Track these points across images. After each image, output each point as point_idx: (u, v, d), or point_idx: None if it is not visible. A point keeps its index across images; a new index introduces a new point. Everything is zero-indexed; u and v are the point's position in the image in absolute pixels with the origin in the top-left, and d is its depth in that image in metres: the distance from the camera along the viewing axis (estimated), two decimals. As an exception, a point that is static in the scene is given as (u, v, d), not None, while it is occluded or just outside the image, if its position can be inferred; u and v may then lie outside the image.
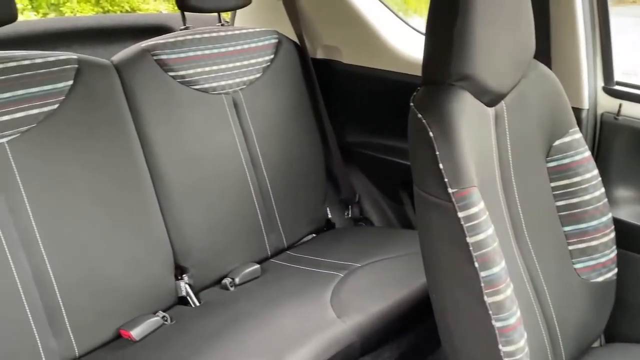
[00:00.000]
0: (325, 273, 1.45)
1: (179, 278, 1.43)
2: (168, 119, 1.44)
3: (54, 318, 1.19)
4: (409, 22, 1.81)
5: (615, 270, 1.09)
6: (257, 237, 1.58)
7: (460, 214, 0.84)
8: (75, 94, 1.27)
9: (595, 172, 1.07)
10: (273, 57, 1.67)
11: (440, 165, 0.85)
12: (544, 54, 1.26)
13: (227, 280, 1.46)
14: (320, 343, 1.18)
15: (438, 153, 0.85)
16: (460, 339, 0.94)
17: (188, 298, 1.42)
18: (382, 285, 1.37)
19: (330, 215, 1.80)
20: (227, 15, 1.98)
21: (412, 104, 0.91)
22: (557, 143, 1.06)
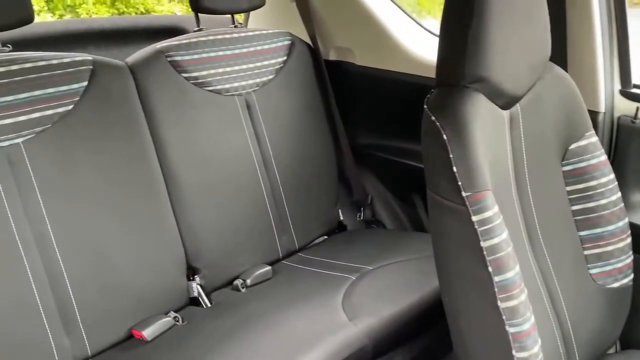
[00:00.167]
0: (337, 275, 1.44)
1: (191, 279, 1.43)
2: (181, 120, 1.44)
3: (67, 317, 1.19)
4: (423, 23, 1.80)
5: (632, 276, 1.08)
6: (268, 238, 1.59)
7: (474, 218, 0.83)
8: (90, 95, 1.28)
9: (612, 176, 1.06)
10: (286, 58, 1.67)
11: (454, 168, 0.84)
12: (560, 56, 1.24)
13: (238, 282, 1.46)
14: (332, 346, 1.18)
15: (452, 156, 0.84)
16: (473, 344, 0.93)
17: (200, 299, 1.42)
18: (394, 289, 1.37)
19: (342, 217, 1.80)
20: (240, 17, 1.98)
21: (425, 106, 0.90)
22: (572, 146, 1.05)
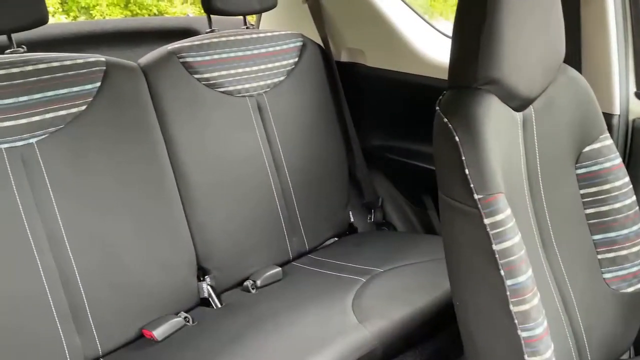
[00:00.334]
0: (347, 277, 1.44)
1: (202, 279, 1.43)
2: (193, 121, 1.45)
3: (79, 316, 1.20)
4: (434, 24, 1.79)
5: (646, 281, 1.06)
6: (279, 239, 1.58)
7: (486, 221, 0.82)
8: (103, 96, 1.29)
9: (626, 179, 1.05)
10: (297, 60, 1.67)
11: (466, 171, 0.83)
12: (574, 58, 1.23)
13: (248, 283, 1.46)
14: (341, 348, 1.17)
15: (464, 158, 0.83)
16: (484, 348, 0.92)
17: (210, 299, 1.42)
18: (404, 291, 1.36)
19: (353, 219, 1.79)
20: (252, 18, 1.99)
21: (437, 108, 0.90)
22: (586, 149, 1.03)
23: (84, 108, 1.26)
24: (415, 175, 1.75)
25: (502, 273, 0.82)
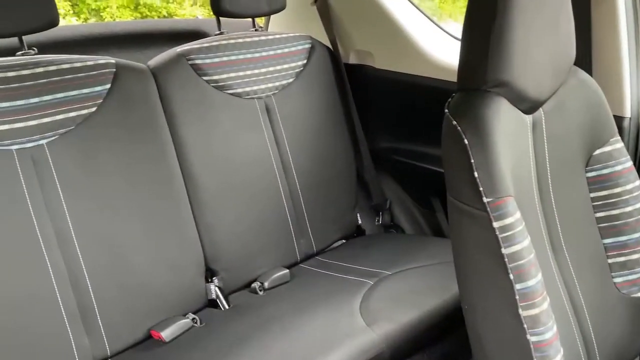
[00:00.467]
0: (355, 280, 1.43)
1: (209, 280, 1.44)
2: (201, 123, 1.45)
3: (87, 316, 1.21)
4: (443, 26, 1.79)
5: (658, 286, 1.05)
6: (286, 241, 1.59)
7: (496, 224, 0.82)
8: (113, 97, 1.29)
9: (637, 183, 1.03)
10: (306, 62, 1.67)
11: (475, 174, 0.83)
12: (585, 60, 1.22)
13: (256, 284, 1.46)
14: (349, 351, 1.17)
15: (473, 161, 0.83)
16: (493, 352, 0.91)
17: (218, 301, 1.43)
18: (412, 294, 1.35)
19: (361, 222, 1.79)
20: (261, 21, 1.99)
21: (446, 111, 0.89)
22: (597, 152, 1.02)
23: (94, 110, 1.27)
24: (424, 178, 1.75)
25: (511, 277, 0.81)
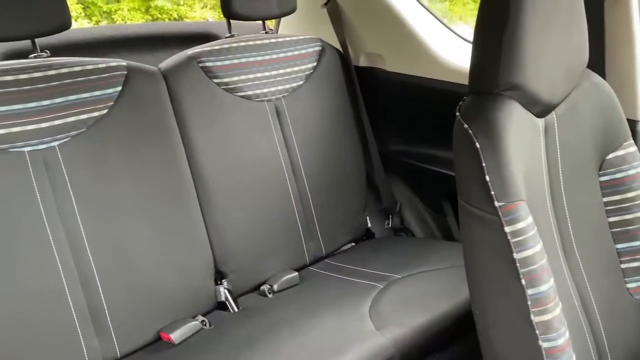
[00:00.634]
0: (364, 283, 1.43)
1: (219, 283, 1.44)
2: (212, 125, 1.46)
3: (97, 318, 1.21)
4: (454, 29, 1.78)
5: (672, 292, 1.04)
6: (296, 244, 1.58)
7: (507, 229, 0.81)
8: (124, 100, 1.30)
9: (652, 187, 1.02)
10: (316, 64, 1.67)
11: (487, 178, 0.82)
12: (598, 63, 1.21)
13: (265, 287, 1.46)
14: (358, 355, 1.17)
15: (485, 165, 0.82)
16: (504, 358, 0.90)
17: (227, 303, 1.42)
18: (422, 298, 1.35)
19: (370, 225, 1.79)
20: (271, 23, 2.00)
21: (458, 114, 0.89)
22: (610, 156, 1.01)
23: (105, 112, 1.28)
24: (434, 181, 1.74)
25: (523, 282, 0.81)
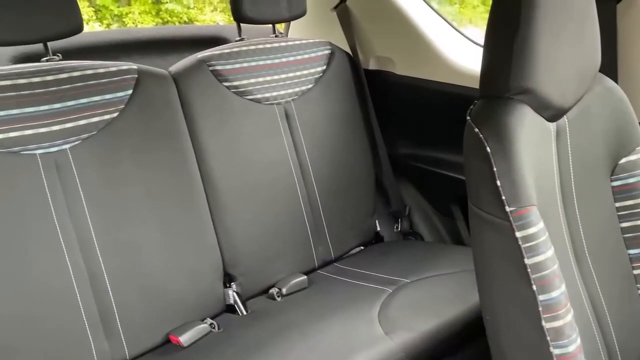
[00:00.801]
0: (373, 287, 1.42)
1: (227, 286, 1.44)
2: (221, 128, 1.46)
3: (107, 320, 1.22)
4: (464, 32, 1.77)
5: (685, 298, 1.02)
6: (305, 247, 1.58)
7: (518, 234, 0.80)
8: (135, 103, 1.31)
9: (665, 192, 1.01)
10: (325, 67, 1.67)
11: (498, 182, 0.81)
12: (610, 67, 1.20)
13: (274, 290, 1.46)
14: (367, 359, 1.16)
15: (495, 169, 0.82)
16: (515, 364, 0.89)
17: (236, 306, 1.43)
18: (432, 303, 1.34)
19: (379, 228, 1.78)
20: (281, 27, 2.00)
21: (468, 118, 0.88)
22: (622, 161, 1.00)
23: (116, 115, 1.28)
24: (444, 185, 1.73)
25: (534, 288, 0.80)
